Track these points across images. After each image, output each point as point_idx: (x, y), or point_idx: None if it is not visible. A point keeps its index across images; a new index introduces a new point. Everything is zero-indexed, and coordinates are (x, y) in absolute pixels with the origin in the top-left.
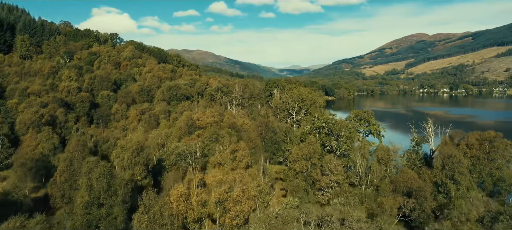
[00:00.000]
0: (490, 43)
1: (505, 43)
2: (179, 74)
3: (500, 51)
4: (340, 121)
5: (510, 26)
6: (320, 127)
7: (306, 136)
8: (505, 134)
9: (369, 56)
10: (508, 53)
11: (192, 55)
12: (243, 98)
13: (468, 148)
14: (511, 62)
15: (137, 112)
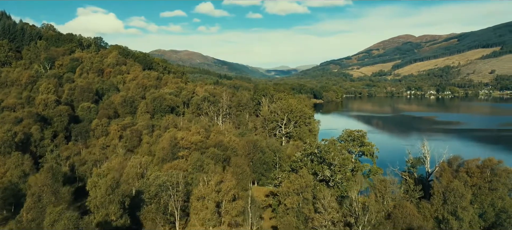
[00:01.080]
0: (475, 45)
1: (489, 45)
2: (164, 81)
3: (485, 53)
4: (333, 148)
5: (494, 28)
6: (312, 154)
7: (297, 164)
8: (495, 140)
9: (357, 57)
10: (493, 55)
11: (179, 56)
12: (230, 107)
13: (468, 176)
14: (495, 64)
15: (118, 128)
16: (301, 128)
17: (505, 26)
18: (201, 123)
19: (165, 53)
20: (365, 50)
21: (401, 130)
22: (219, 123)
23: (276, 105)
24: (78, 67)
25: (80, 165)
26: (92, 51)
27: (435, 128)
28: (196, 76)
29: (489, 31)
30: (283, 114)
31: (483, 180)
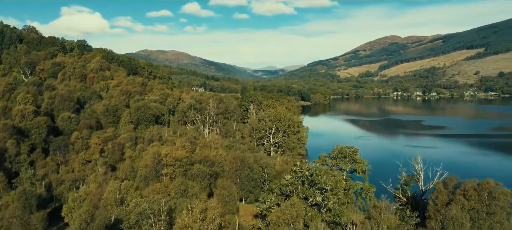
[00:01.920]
0: (460, 46)
1: (474, 46)
2: (149, 87)
3: (470, 54)
4: (325, 171)
5: (478, 29)
6: (302, 177)
7: (287, 188)
8: (487, 147)
9: (344, 58)
10: (477, 56)
11: (166, 56)
12: (217, 114)
13: (465, 198)
14: (480, 65)
15: (99, 141)
16: (289, 138)
17: (489, 27)
18: (187, 135)
19: (152, 53)
20: (352, 51)
21: (390, 136)
22: (205, 133)
23: (264, 113)
24: (60, 72)
25: (58, 185)
26: (75, 55)
27: (423, 134)
28: (183, 77)
29: (473, 33)
30: (272, 123)
31: (481, 203)
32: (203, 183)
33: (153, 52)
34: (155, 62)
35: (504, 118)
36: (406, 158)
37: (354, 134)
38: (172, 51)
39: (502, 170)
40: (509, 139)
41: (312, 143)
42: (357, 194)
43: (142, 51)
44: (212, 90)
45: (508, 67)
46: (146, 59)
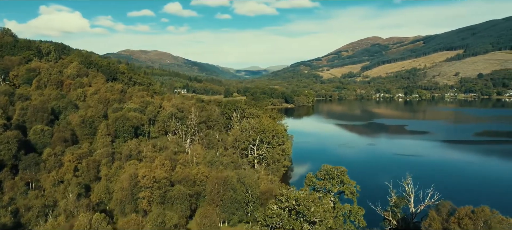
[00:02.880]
0: (440, 47)
1: (453, 48)
2: (129, 95)
3: (449, 55)
4: (313, 198)
5: (458, 31)
6: (289, 206)
7: (273, 220)
8: (474, 153)
9: (326, 59)
10: (457, 57)
11: (149, 56)
12: (199, 123)
13: (460, 227)
14: (459, 66)
15: (73, 158)
16: (274, 149)
17: (468, 29)
18: (166, 151)
19: (133, 53)
20: (335, 52)
21: (375, 143)
22: (187, 145)
23: (247, 123)
24: (35, 79)
25: (26, 210)
26: (52, 59)
27: (408, 140)
28: (165, 78)
29: (453, 34)
30: (255, 134)
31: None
32: (183, 206)
33: (135, 52)
34: (137, 62)
35: (484, 122)
36: (395, 175)
37: (339, 139)
38: (155, 51)
39: (489, 178)
40: (492, 146)
41: (297, 152)
42: (346, 217)
43: (124, 51)
44: (195, 91)
45: (486, 68)
46: (128, 59)
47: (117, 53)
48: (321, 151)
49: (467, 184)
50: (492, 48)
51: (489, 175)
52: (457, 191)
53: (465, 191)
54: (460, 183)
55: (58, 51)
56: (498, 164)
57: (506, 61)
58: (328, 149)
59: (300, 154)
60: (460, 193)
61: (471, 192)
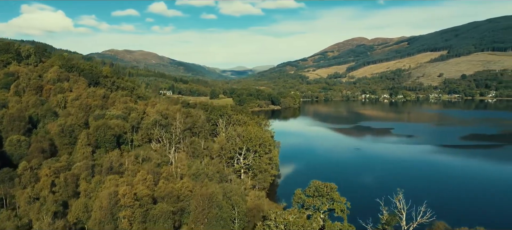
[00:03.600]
0: (424, 48)
1: (437, 49)
2: (111, 100)
3: (433, 56)
4: (302, 222)
5: (441, 32)
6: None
7: None
8: (463, 158)
9: (312, 59)
10: (440, 58)
11: (134, 56)
12: (184, 130)
13: None
14: (443, 67)
15: (50, 172)
16: (261, 158)
17: (451, 30)
18: (149, 164)
19: (118, 53)
20: (321, 52)
21: (362, 148)
22: (171, 154)
23: (233, 131)
24: (13, 84)
25: None
26: (31, 62)
27: (395, 148)
28: (151, 79)
29: (436, 35)
30: (242, 142)
31: None
32: (167, 224)
33: (120, 52)
34: (122, 62)
35: (469, 125)
36: (385, 187)
37: (326, 145)
38: (140, 51)
39: (481, 188)
40: (479, 150)
41: (284, 159)
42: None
43: (109, 51)
44: (181, 93)
45: (469, 69)
46: (112, 59)
47: (101, 53)
48: (308, 158)
49: (459, 196)
50: (475, 49)
51: (481, 183)
52: (450, 204)
53: (458, 204)
54: (453, 195)
55: (39, 53)
56: (487, 171)
57: (488, 62)
58: (315, 156)
59: (288, 161)
60: (453, 206)
61: (464, 205)
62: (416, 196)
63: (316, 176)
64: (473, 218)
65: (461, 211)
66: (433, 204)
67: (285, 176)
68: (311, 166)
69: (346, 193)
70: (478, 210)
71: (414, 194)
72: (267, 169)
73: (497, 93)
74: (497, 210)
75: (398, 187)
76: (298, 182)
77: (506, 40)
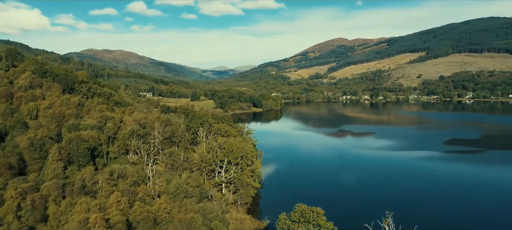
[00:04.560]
0: (403, 49)
1: (416, 50)
2: (87, 108)
3: (412, 57)
4: None
5: (420, 33)
6: None
7: None
8: (450, 165)
9: (294, 59)
10: (419, 59)
11: (113, 56)
12: (164, 140)
13: None
14: (422, 68)
15: (16, 194)
16: (243, 172)
17: (429, 32)
18: (125, 182)
19: (97, 53)
20: (302, 53)
21: (345, 157)
22: (148, 169)
23: (214, 142)
24: None
25: None
26: (3, 67)
27: (379, 156)
28: (130, 80)
29: (415, 37)
30: (223, 155)
31: None
32: None
33: (99, 51)
34: (101, 62)
35: (449, 128)
36: (373, 206)
37: (309, 151)
38: (119, 51)
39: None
40: (463, 156)
41: (267, 167)
42: None
43: (87, 51)
44: (161, 94)
45: (447, 70)
46: (91, 59)
47: (79, 52)
48: (292, 167)
49: (449, 208)
50: (452, 50)
51: (471, 193)
52: (441, 219)
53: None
54: (442, 212)
55: (11, 57)
56: (476, 180)
57: (466, 63)
58: (298, 164)
59: (270, 171)
60: (444, 218)
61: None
62: (406, 214)
63: (299, 188)
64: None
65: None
66: (425, 219)
67: (268, 187)
68: (295, 176)
69: (331, 208)
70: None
71: (402, 210)
72: (250, 183)
73: (474, 94)
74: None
75: (387, 210)
76: (281, 194)
77: (481, 42)
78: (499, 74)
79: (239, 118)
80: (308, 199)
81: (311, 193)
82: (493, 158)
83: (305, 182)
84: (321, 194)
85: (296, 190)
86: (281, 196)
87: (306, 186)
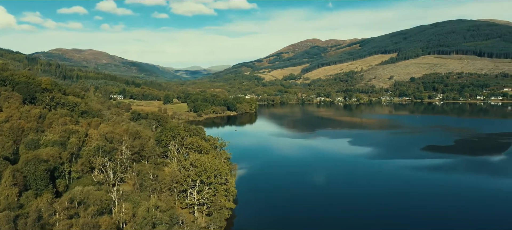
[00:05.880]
0: (375, 50)
1: (387, 51)
2: (49, 121)
3: (384, 58)
4: None
5: (391, 35)
6: None
7: None
8: (428, 174)
9: (268, 60)
10: (390, 61)
11: (83, 56)
12: (132, 155)
13: None
14: (393, 70)
15: None
16: (217, 192)
17: (400, 33)
18: (85, 216)
19: (66, 52)
20: (276, 53)
21: (322, 165)
22: (113, 193)
23: (186, 161)
24: None
25: None
26: None
27: (357, 165)
28: (100, 82)
29: (386, 38)
30: (195, 175)
31: None
32: None
33: (68, 51)
34: (71, 62)
35: (423, 133)
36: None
37: (285, 161)
38: (90, 50)
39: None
40: (441, 162)
41: (242, 181)
42: None
43: (56, 50)
44: (133, 97)
45: (418, 72)
46: (60, 58)
47: (48, 52)
48: (266, 181)
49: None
50: (422, 52)
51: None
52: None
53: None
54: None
55: None
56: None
57: (435, 65)
58: (273, 177)
59: (245, 185)
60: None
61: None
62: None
63: (275, 204)
64: None
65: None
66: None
67: (244, 205)
68: (270, 189)
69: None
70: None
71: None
72: (224, 204)
73: (443, 96)
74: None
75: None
76: (258, 212)
77: (450, 43)
78: (467, 76)
79: (213, 122)
80: (284, 217)
81: (287, 208)
82: (470, 165)
83: (282, 195)
84: (297, 210)
85: (272, 207)
86: (257, 214)
87: (283, 201)
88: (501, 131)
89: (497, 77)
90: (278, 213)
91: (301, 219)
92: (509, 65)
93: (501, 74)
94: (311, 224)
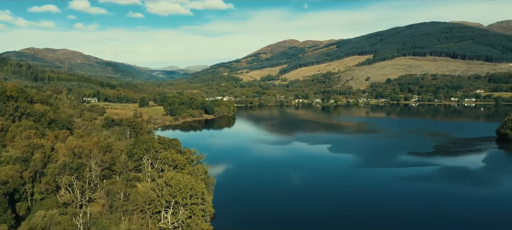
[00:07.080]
0: (352, 52)
1: (364, 53)
2: (11, 134)
3: (361, 60)
4: None
5: (367, 36)
6: None
7: None
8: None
9: (246, 61)
10: (367, 62)
11: (57, 55)
12: (103, 170)
13: None
14: (369, 71)
15: None
16: (193, 211)
17: (376, 35)
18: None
19: (39, 52)
20: (254, 54)
21: (302, 174)
22: (79, 221)
23: (160, 180)
24: None
25: None
26: None
27: (340, 175)
28: (74, 84)
29: (363, 39)
30: (170, 195)
31: None
32: None
33: (41, 50)
34: (43, 62)
35: (403, 138)
36: None
37: (263, 169)
38: (63, 50)
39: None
40: (423, 171)
41: (220, 194)
42: None
43: (28, 50)
44: (107, 99)
45: (393, 73)
46: (32, 58)
47: (19, 51)
48: (245, 191)
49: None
50: (398, 53)
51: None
52: None
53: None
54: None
55: None
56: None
57: (410, 66)
58: (252, 187)
59: (223, 199)
60: None
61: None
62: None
63: (255, 219)
64: None
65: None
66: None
67: (221, 219)
68: (249, 201)
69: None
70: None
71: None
72: (200, 227)
73: (419, 97)
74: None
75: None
76: (236, 226)
77: (424, 45)
78: (441, 77)
79: (190, 125)
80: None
81: (266, 221)
82: (452, 174)
83: (260, 208)
84: (276, 223)
85: (250, 220)
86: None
87: (261, 213)
88: (476, 136)
89: (470, 79)
90: (256, 228)
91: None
92: (481, 67)
93: (474, 75)
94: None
